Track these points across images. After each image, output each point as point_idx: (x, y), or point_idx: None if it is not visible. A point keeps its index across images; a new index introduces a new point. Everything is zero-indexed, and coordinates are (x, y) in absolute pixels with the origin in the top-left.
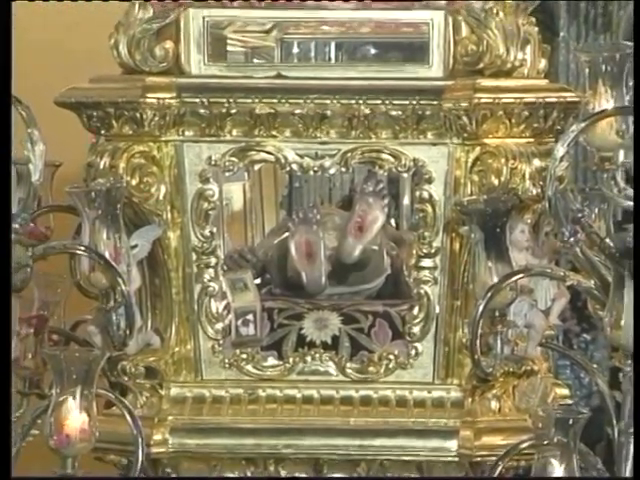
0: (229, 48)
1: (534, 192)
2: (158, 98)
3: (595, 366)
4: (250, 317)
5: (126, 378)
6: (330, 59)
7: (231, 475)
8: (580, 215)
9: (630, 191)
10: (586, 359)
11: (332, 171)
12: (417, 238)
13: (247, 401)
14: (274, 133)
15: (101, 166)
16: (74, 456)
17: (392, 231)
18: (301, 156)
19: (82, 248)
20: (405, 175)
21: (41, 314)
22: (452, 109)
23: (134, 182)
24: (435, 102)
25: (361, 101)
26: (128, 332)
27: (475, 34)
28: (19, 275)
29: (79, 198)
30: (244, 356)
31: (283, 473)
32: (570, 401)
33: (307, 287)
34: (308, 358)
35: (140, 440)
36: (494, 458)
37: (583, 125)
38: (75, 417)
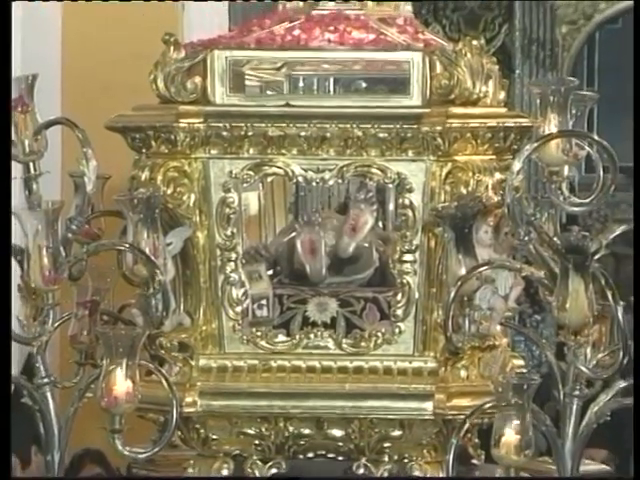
0: (247, 82)
1: (495, 199)
2: (189, 123)
3: (544, 341)
4: (264, 302)
5: (163, 351)
6: (329, 91)
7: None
8: (533, 218)
9: (573, 199)
10: (537, 335)
11: (331, 182)
12: (400, 237)
13: (261, 370)
14: (283, 152)
15: (142, 178)
16: (121, 414)
17: (380, 231)
18: (305, 170)
19: (127, 245)
20: (390, 186)
21: (94, 299)
22: (429, 132)
23: (169, 191)
24: (415, 126)
25: (354, 125)
26: (164, 314)
27: (447, 71)
28: (76, 267)
29: (124, 205)
30: (259, 333)
31: (291, 429)
32: (524, 370)
33: (310, 277)
34: (311, 335)
35: (174, 402)
36: (462, 416)
37: (535, 145)
38: (121, 383)
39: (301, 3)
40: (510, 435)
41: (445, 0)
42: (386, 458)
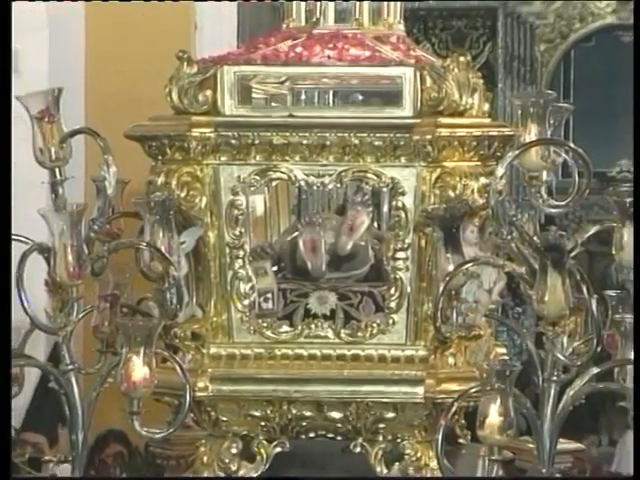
0: (253, 95)
1: (480, 202)
2: (200, 132)
3: (525, 331)
4: (269, 295)
5: (177, 340)
6: (329, 103)
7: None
8: (514, 219)
9: (551, 201)
10: (518, 326)
11: (330, 186)
12: (393, 236)
13: (267, 358)
14: (287, 158)
15: (158, 183)
16: (138, 398)
17: (375, 231)
18: (307, 175)
19: (144, 244)
20: (384, 189)
21: (114, 293)
22: (419, 140)
23: (182, 195)
24: (407, 135)
25: (352, 134)
26: (178, 306)
27: (436, 85)
28: (97, 264)
29: (142, 207)
30: (264, 324)
31: (294, 411)
32: (506, 357)
33: (311, 273)
34: (312, 326)
35: (187, 387)
36: (450, 400)
37: (517, 152)
38: (139, 369)
39: (303, 23)
40: (494, 417)
41: (434, 20)
42: (380, 438)
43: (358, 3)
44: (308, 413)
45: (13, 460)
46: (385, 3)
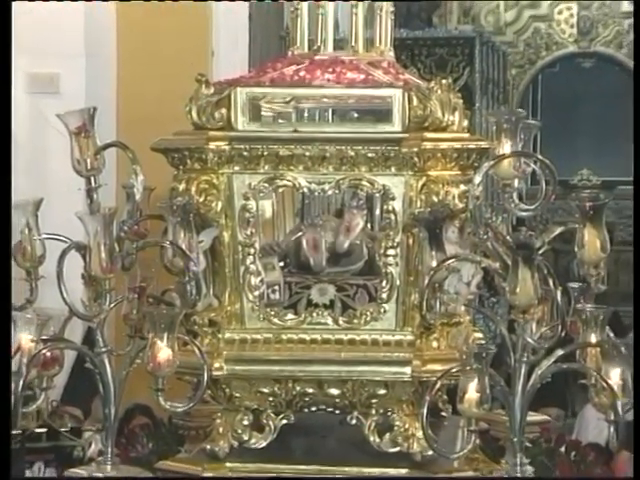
0: (262, 113)
1: (460, 206)
2: (217, 145)
3: (499, 318)
4: (276, 287)
5: (196, 326)
6: (328, 120)
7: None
8: (490, 221)
9: (522, 205)
10: (493, 314)
11: (329, 193)
12: (384, 236)
13: (274, 342)
14: (292, 168)
15: (180, 189)
16: (163, 377)
17: (368, 231)
18: (309, 183)
19: (167, 242)
20: (377, 195)
21: (142, 285)
22: (407, 152)
23: (201, 200)
24: (396, 148)
25: (348, 147)
26: (197, 297)
27: (422, 104)
28: (127, 260)
29: (166, 210)
30: (272, 313)
31: (298, 388)
32: (483, 341)
33: (313, 268)
34: (314, 314)
35: (205, 367)
36: (434, 378)
37: (492, 163)
38: (163, 351)
39: (306, 50)
40: (472, 393)
41: (420, 48)
42: (373, 411)
43: (354, 33)
44: (310, 390)
45: (56, 429)
46: (377, 33)
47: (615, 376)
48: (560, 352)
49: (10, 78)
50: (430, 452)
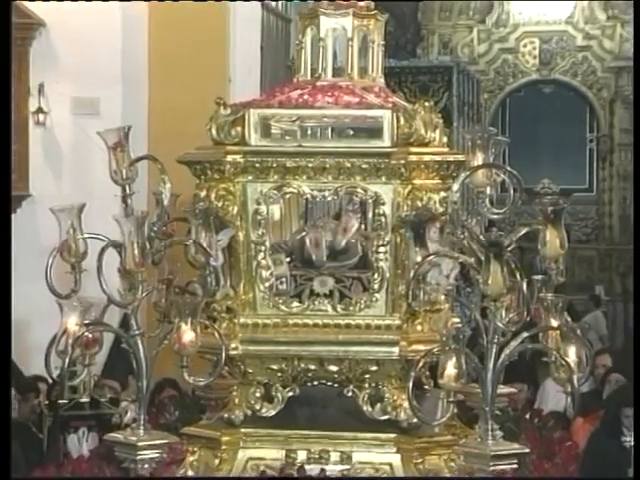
0: (272, 130)
1: (441, 210)
2: (233, 158)
3: (473, 305)
4: (284, 279)
5: (215, 313)
6: (328, 136)
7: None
8: (466, 223)
9: (493, 210)
10: (468, 302)
11: (329, 199)
12: (376, 236)
13: (282, 326)
14: (297, 177)
15: (201, 196)
16: (187, 355)
17: (362, 232)
18: (312, 190)
19: (191, 241)
20: (370, 201)
21: (169, 277)
22: (396, 164)
23: (219, 204)
24: (386, 160)
25: (345, 160)
26: (216, 287)
27: (408, 123)
28: (156, 256)
29: (189, 214)
30: (280, 301)
31: (302, 366)
32: (459, 325)
33: (315, 262)
34: (316, 302)
35: (223, 347)
36: (418, 357)
37: (468, 173)
38: (188, 334)
39: (309, 77)
40: (450, 369)
41: (406, 75)
42: (366, 385)
43: (350, 63)
44: (312, 367)
45: (98, 399)
46: (370, 62)
47: (572, 354)
48: (525, 334)
49: (10, 78)
50: (415, 420)
